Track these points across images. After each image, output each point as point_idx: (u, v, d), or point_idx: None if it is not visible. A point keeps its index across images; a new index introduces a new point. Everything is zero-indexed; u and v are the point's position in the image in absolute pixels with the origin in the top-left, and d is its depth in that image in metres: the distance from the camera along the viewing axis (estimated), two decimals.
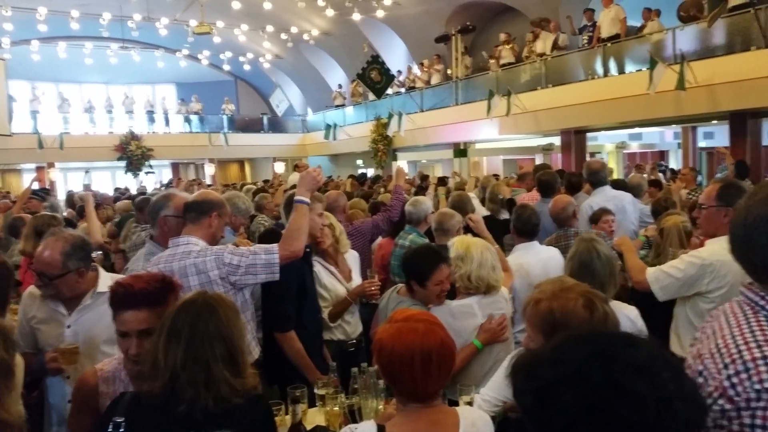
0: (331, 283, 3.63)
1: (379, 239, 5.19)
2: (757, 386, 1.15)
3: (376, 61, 16.39)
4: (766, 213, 1.26)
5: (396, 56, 20.47)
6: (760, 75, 9.14)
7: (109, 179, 24.49)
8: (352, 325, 3.69)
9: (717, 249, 2.80)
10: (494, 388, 2.28)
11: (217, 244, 3.00)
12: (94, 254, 2.95)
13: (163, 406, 1.74)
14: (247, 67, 25.09)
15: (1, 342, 1.84)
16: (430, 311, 2.74)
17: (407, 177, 10.27)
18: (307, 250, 3.32)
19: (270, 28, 20.82)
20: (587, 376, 0.94)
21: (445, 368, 1.75)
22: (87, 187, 15.03)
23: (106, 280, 2.69)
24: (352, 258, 3.94)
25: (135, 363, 1.98)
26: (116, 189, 16.57)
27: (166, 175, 24.69)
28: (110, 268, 4.93)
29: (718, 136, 16.77)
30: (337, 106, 23.00)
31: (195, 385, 1.72)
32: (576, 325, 1.71)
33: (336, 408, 2.54)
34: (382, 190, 10.59)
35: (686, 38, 10.98)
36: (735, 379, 1.18)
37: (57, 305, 2.66)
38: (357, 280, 3.82)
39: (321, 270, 3.59)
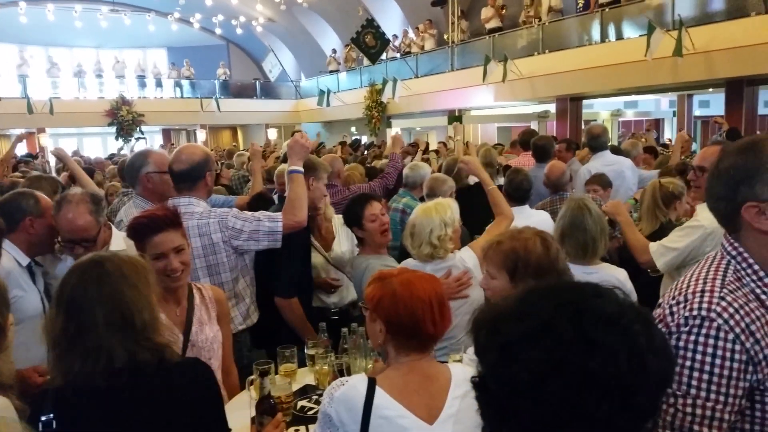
0: None
1: None
2: (687, 313, 1.27)
3: (370, 25, 16.14)
4: (731, 164, 1.33)
5: (391, 20, 20.15)
6: (759, 41, 9.04)
7: (100, 145, 24.27)
8: (335, 296, 3.62)
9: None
10: None
11: (211, 193, 3.03)
12: None
13: (85, 386, 1.60)
14: (239, 31, 24.67)
15: None
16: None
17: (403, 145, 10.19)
18: (309, 214, 3.31)
19: None
20: (555, 330, 0.89)
21: (450, 313, 1.85)
22: (76, 153, 14.87)
23: (119, 240, 2.69)
24: (341, 224, 3.88)
25: (175, 279, 2.24)
26: (111, 156, 16.36)
27: (157, 141, 24.46)
28: None
29: (714, 104, 16.70)
30: (330, 71, 22.72)
31: (83, 355, 1.59)
32: (535, 261, 1.99)
33: (326, 367, 2.54)
34: (373, 156, 10.52)
35: (685, 3, 10.83)
36: (674, 308, 1.31)
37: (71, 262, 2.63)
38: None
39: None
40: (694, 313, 1.25)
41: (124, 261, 1.71)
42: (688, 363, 1.24)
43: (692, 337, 1.24)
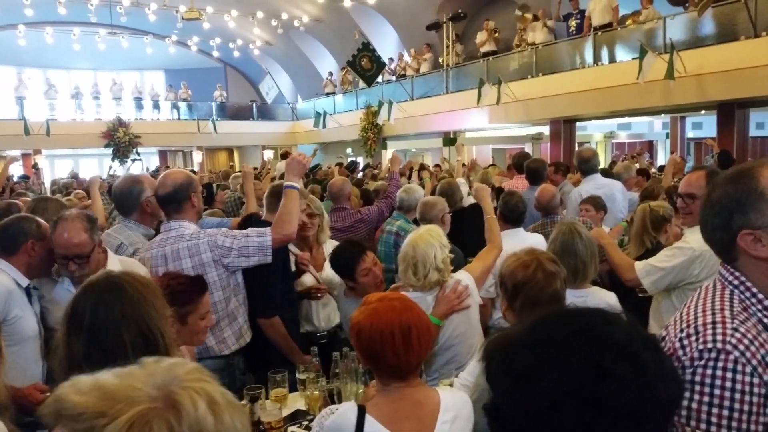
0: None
1: None
2: (701, 346, 1.22)
3: (366, 49, 16.27)
4: (722, 194, 1.32)
5: (387, 44, 20.35)
6: (749, 65, 9.15)
7: (96, 166, 24.30)
8: (322, 318, 3.61)
9: None
10: (473, 373, 2.28)
11: (201, 215, 3.01)
12: None
13: None
14: (236, 54, 24.88)
15: None
16: None
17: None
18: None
19: (260, 14, 20.64)
20: (567, 359, 0.91)
21: (425, 341, 1.81)
22: (74, 176, 14.87)
23: (114, 262, 2.71)
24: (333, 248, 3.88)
25: (204, 332, 2.32)
26: (111, 176, 16.36)
27: (154, 162, 24.50)
28: None
29: (707, 126, 16.86)
30: (327, 93, 22.88)
31: None
32: (513, 281, 2.15)
33: (316, 392, 2.53)
34: (370, 176, 10.58)
35: (676, 27, 10.97)
36: (685, 341, 1.26)
37: (70, 285, 2.66)
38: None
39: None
40: (709, 345, 1.20)
41: (138, 280, 1.68)
42: (706, 399, 1.18)
43: (709, 371, 1.19)
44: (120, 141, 21.21)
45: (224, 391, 0.71)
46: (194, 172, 13.61)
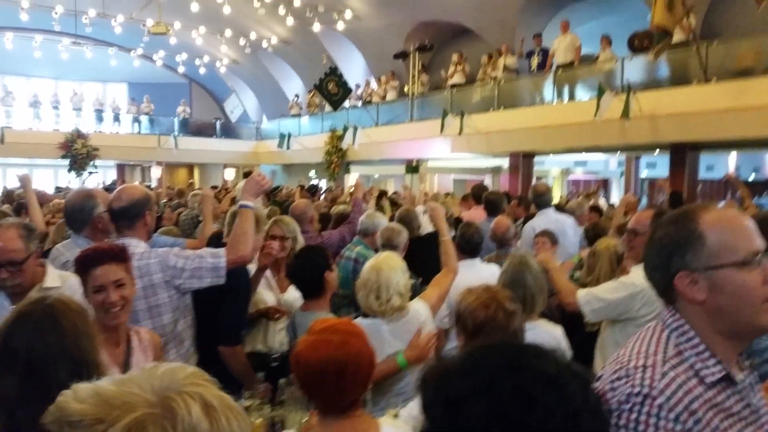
0: (260, 290, 3.54)
1: None
2: (629, 390, 1.23)
3: (333, 73, 16.41)
4: (663, 235, 1.35)
5: (354, 69, 20.56)
6: (700, 109, 9.54)
7: (52, 177, 23.68)
8: (277, 340, 3.56)
9: None
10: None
11: (151, 235, 2.96)
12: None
13: None
14: (202, 71, 24.75)
15: None
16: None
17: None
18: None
19: (228, 33, 20.63)
20: (497, 387, 0.92)
21: (361, 379, 1.75)
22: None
23: (54, 276, 2.63)
24: None
25: (113, 315, 2.17)
26: (58, 188, 15.96)
27: (111, 176, 24.01)
28: None
29: (660, 166, 17.39)
30: (293, 115, 22.89)
31: (35, 421, 1.47)
32: (474, 321, 2.17)
33: (259, 419, 2.48)
34: (330, 199, 10.57)
35: (633, 69, 11.38)
36: (616, 383, 1.27)
37: (4, 300, 2.56)
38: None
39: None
40: (636, 390, 1.22)
41: (71, 308, 1.64)
42: None
43: (633, 416, 1.20)
44: (78, 153, 20.72)
45: (222, 395, 0.74)
46: (149, 188, 13.34)
